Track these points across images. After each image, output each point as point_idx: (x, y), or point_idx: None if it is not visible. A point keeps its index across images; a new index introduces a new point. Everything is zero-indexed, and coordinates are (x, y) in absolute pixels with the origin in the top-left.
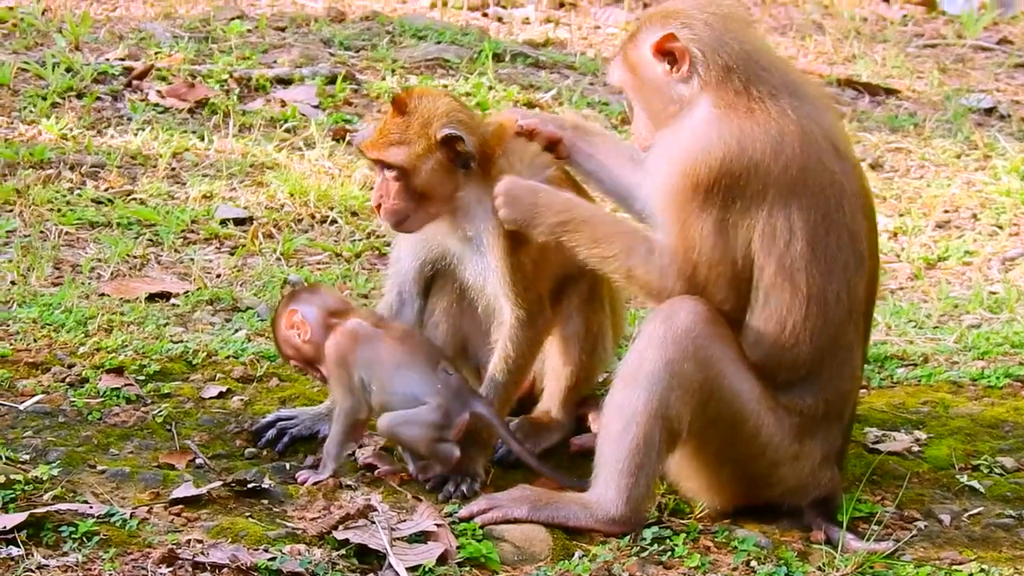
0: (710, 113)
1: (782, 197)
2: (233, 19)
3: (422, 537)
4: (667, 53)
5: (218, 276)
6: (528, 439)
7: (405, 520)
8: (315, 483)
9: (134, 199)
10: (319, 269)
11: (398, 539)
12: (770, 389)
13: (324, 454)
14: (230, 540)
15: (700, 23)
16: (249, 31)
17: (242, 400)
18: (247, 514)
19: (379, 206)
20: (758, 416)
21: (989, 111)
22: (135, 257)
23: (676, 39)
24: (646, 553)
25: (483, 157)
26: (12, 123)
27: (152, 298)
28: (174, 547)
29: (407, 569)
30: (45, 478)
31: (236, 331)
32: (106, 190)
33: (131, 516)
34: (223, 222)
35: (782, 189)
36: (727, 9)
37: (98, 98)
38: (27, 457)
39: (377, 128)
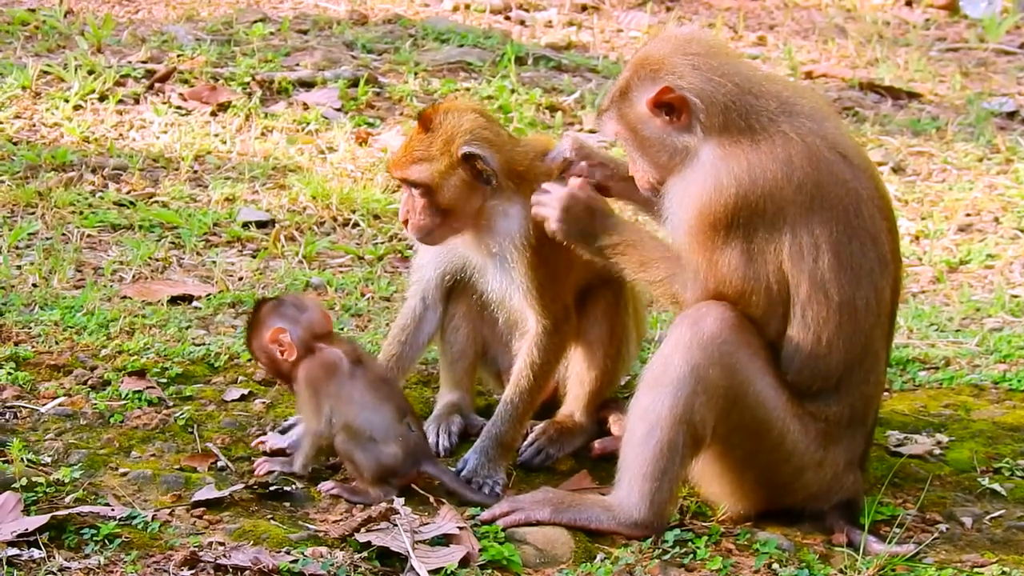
0: (716, 153)
1: (802, 216)
2: (255, 22)
3: (444, 540)
4: (664, 105)
5: (240, 279)
6: (553, 443)
7: (427, 523)
8: (279, 473)
9: (156, 202)
10: (341, 272)
11: (420, 542)
12: (796, 396)
13: (294, 459)
14: (252, 542)
15: (688, 68)
16: (271, 34)
17: (264, 403)
18: (269, 516)
19: (406, 221)
20: (783, 423)
21: (1011, 115)
22: (157, 260)
23: (672, 91)
24: (668, 556)
25: (510, 174)
26: (34, 126)
27: (174, 301)
28: (196, 549)
29: (429, 572)
30: (67, 480)
31: None
32: (128, 192)
33: (153, 518)
34: (245, 225)
35: (800, 208)
36: (706, 45)
37: (120, 101)
38: (49, 459)
39: (402, 145)
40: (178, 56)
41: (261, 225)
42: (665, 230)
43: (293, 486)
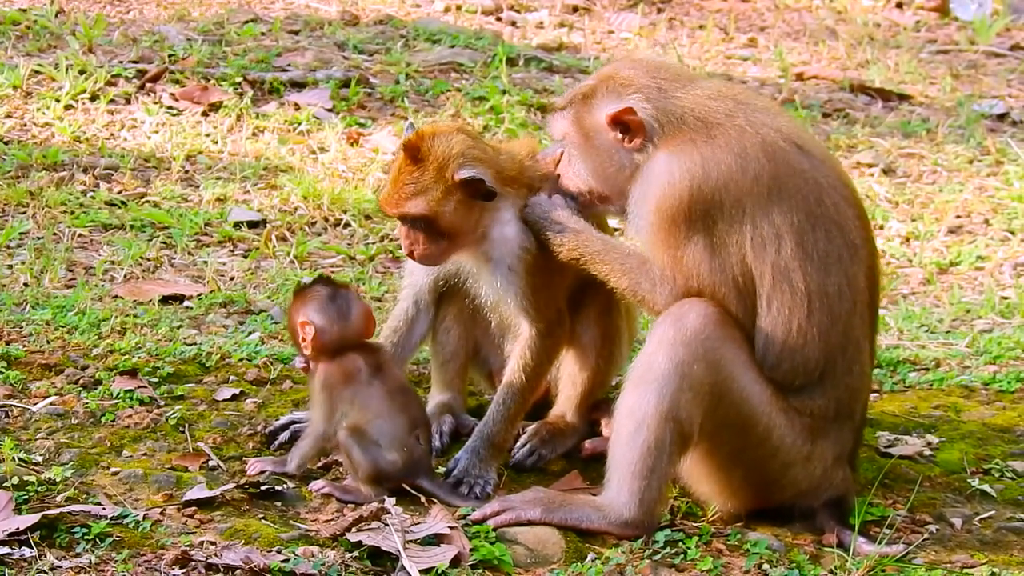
0: (669, 153)
1: (760, 207)
2: (247, 22)
3: (435, 539)
4: (621, 124)
5: (232, 279)
6: (545, 444)
7: (418, 522)
8: (271, 473)
9: (147, 201)
10: (332, 272)
11: (411, 541)
12: (781, 391)
13: (290, 458)
14: (243, 542)
15: (655, 90)
16: (263, 34)
17: (255, 402)
18: (260, 516)
19: (411, 252)
20: (769, 418)
21: (1001, 117)
22: (148, 259)
23: (634, 113)
24: (659, 556)
25: (503, 182)
26: (25, 125)
27: (165, 300)
28: (187, 549)
29: (420, 572)
30: (58, 479)
31: (249, 334)
32: (119, 192)
33: (144, 518)
34: (237, 225)
35: (758, 199)
36: (674, 72)
37: (111, 100)
38: (40, 459)
39: (391, 178)
40: (169, 56)
41: (252, 225)
42: (632, 235)
43: (284, 485)
